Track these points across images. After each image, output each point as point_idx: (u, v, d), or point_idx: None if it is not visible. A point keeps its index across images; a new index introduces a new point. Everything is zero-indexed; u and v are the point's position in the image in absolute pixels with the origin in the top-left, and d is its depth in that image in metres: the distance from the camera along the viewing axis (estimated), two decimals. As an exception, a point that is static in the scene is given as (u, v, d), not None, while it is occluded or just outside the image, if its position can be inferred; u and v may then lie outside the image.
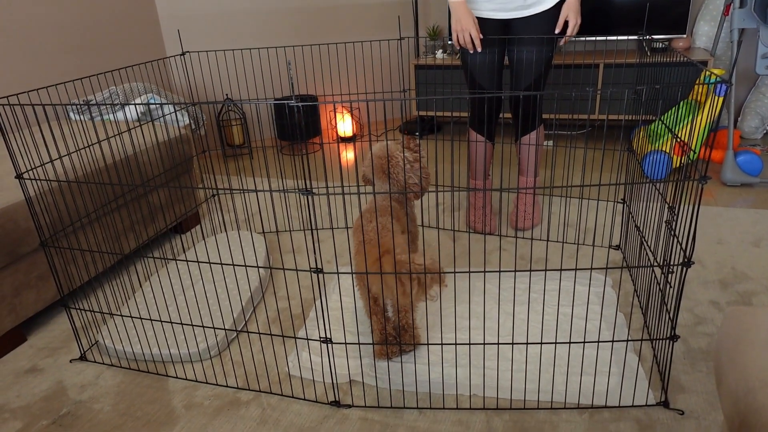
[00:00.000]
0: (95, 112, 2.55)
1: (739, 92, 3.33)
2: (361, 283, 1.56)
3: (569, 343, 1.57)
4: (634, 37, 3.29)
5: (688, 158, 1.28)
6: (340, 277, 2.05)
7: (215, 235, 1.86)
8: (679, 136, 2.78)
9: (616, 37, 3.35)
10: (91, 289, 2.05)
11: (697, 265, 1.97)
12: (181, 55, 2.13)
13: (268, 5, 3.44)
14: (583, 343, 1.33)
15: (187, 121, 2.71)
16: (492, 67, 2.12)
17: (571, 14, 2.00)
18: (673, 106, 2.98)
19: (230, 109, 3.37)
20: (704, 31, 3.22)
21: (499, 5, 2.03)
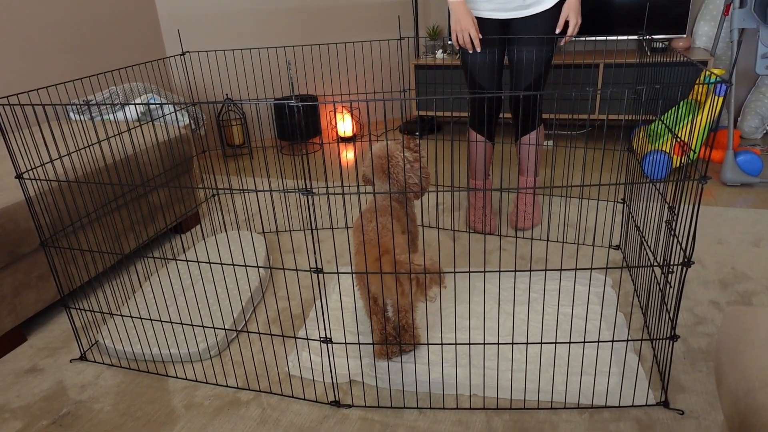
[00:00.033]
0: (95, 112, 2.55)
1: (739, 92, 3.33)
2: (361, 283, 1.56)
3: (569, 343, 1.58)
4: (634, 37, 3.29)
5: (688, 158, 1.28)
6: (340, 277, 2.05)
7: (215, 235, 1.86)
8: (679, 136, 2.78)
9: (616, 37, 3.35)
10: (91, 289, 2.05)
11: (697, 265, 1.98)
12: (181, 55, 2.13)
13: (268, 5, 3.44)
14: (583, 343, 1.33)
15: (187, 121, 2.71)
16: (492, 67, 2.12)
17: (571, 14, 2.00)
18: (673, 106, 2.98)
19: (230, 109, 3.37)
20: (704, 30, 3.22)
21: (499, 5, 2.03)
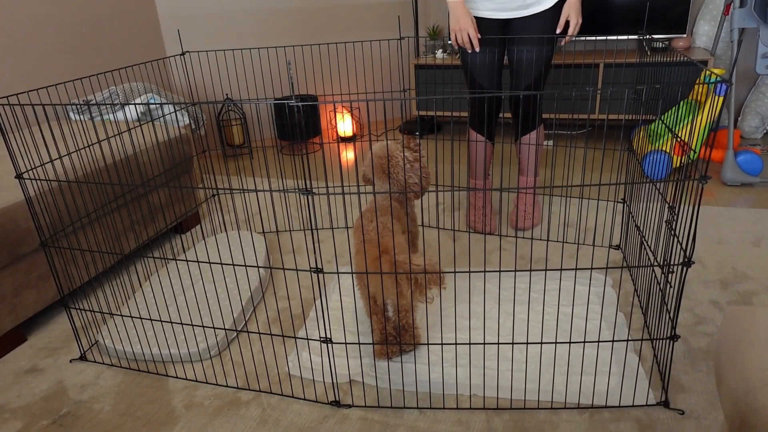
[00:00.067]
0: (95, 112, 2.55)
1: (739, 92, 3.33)
2: (362, 283, 1.56)
3: (569, 343, 1.57)
4: (634, 37, 3.29)
5: (688, 158, 1.28)
6: (340, 277, 2.05)
7: (215, 235, 1.86)
8: (680, 136, 2.77)
9: (616, 37, 3.35)
10: (91, 289, 2.05)
11: (698, 265, 1.97)
12: (181, 55, 2.13)
13: (268, 5, 3.44)
14: (584, 342, 1.33)
15: (187, 121, 2.71)
16: (492, 67, 2.12)
17: (572, 14, 2.00)
18: (674, 106, 2.98)
19: (230, 109, 3.37)
20: (704, 30, 3.22)
21: (499, 5, 2.03)
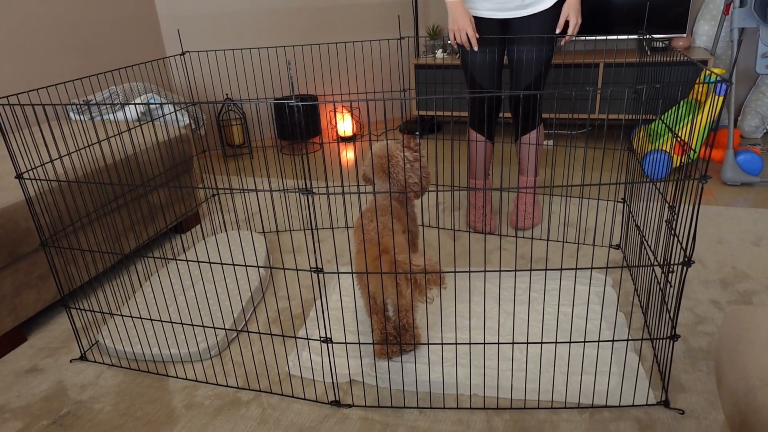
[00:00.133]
0: (95, 112, 2.55)
1: (739, 91, 3.33)
2: (362, 283, 1.56)
3: (569, 343, 1.57)
4: (634, 37, 3.29)
5: (688, 157, 1.28)
6: (341, 277, 2.05)
7: (215, 235, 1.86)
8: (680, 136, 2.77)
9: (616, 37, 3.34)
10: (91, 289, 2.05)
11: (698, 265, 1.97)
12: (181, 55, 2.13)
13: (268, 5, 3.44)
14: (584, 342, 1.33)
15: (187, 121, 2.71)
16: (492, 67, 2.12)
17: (571, 14, 2.00)
18: (674, 106, 2.97)
19: (230, 109, 3.37)
20: (704, 30, 3.22)
21: (498, 5, 2.03)
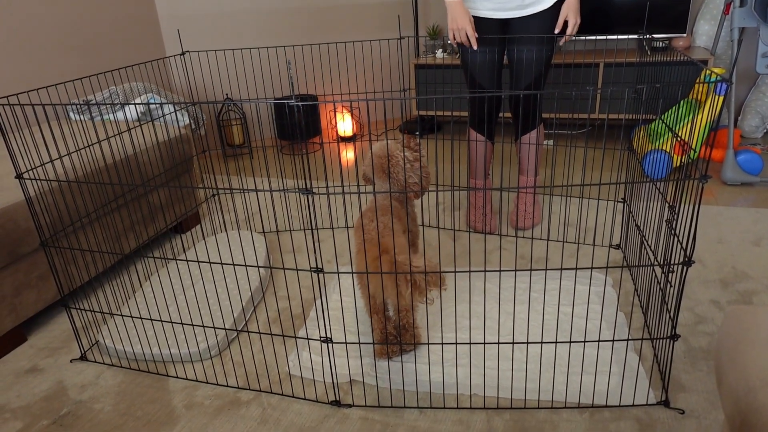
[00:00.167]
0: (95, 112, 2.55)
1: (739, 91, 3.33)
2: (362, 283, 1.56)
3: (570, 343, 1.57)
4: (635, 36, 3.29)
5: (688, 157, 1.28)
6: (341, 277, 2.05)
7: (215, 235, 1.86)
8: (680, 135, 2.77)
9: (616, 36, 3.34)
10: (91, 289, 2.05)
11: (698, 265, 1.97)
12: (181, 55, 2.13)
13: (268, 5, 3.44)
14: (584, 342, 1.33)
15: (187, 121, 2.71)
16: (492, 67, 2.12)
17: (570, 14, 2.00)
18: (674, 105, 2.97)
19: (230, 109, 3.37)
20: (704, 30, 3.22)
21: (498, 5, 2.03)
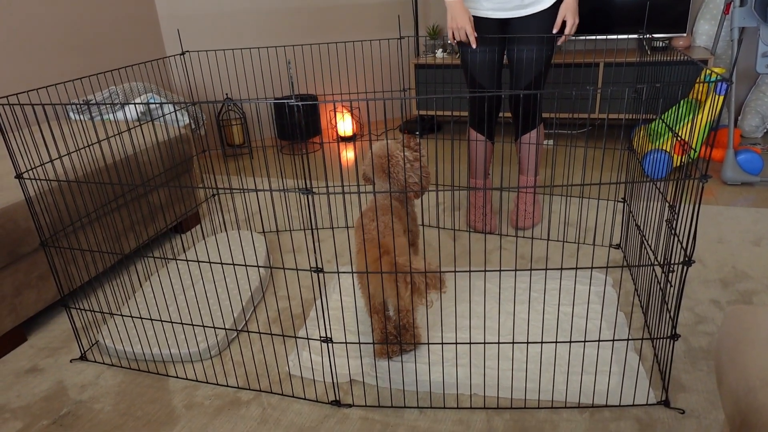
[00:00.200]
0: (95, 112, 2.55)
1: (739, 91, 3.33)
2: (362, 282, 1.56)
3: (570, 343, 1.57)
4: (635, 36, 3.29)
5: (688, 157, 1.28)
6: (341, 277, 2.05)
7: (215, 235, 1.86)
8: (680, 135, 2.77)
9: (616, 36, 3.34)
10: (91, 289, 2.05)
11: (698, 264, 1.97)
12: (180, 55, 2.13)
13: (268, 5, 3.44)
14: (584, 342, 1.33)
15: (187, 121, 2.71)
16: (492, 66, 2.12)
17: (568, 14, 2.00)
18: (674, 105, 2.97)
19: (230, 109, 3.37)
20: (704, 29, 3.22)
21: (498, 5, 2.03)
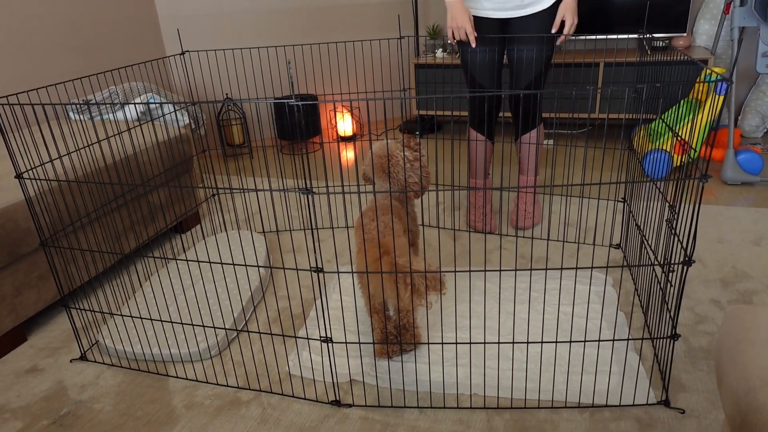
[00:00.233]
0: (95, 112, 2.55)
1: (739, 91, 3.33)
2: (362, 282, 1.56)
3: (570, 342, 1.57)
4: (635, 36, 3.29)
5: (688, 157, 1.28)
6: (341, 277, 2.05)
7: (215, 235, 1.86)
8: (680, 135, 2.77)
9: (616, 36, 3.34)
10: (91, 289, 2.05)
11: (698, 264, 1.97)
12: (180, 55, 2.12)
13: (268, 5, 3.44)
14: (584, 342, 1.33)
15: (187, 121, 2.71)
16: (492, 66, 2.12)
17: (567, 14, 2.00)
18: (674, 105, 2.97)
19: (230, 109, 3.37)
20: (705, 29, 3.22)
21: (498, 4, 2.03)
